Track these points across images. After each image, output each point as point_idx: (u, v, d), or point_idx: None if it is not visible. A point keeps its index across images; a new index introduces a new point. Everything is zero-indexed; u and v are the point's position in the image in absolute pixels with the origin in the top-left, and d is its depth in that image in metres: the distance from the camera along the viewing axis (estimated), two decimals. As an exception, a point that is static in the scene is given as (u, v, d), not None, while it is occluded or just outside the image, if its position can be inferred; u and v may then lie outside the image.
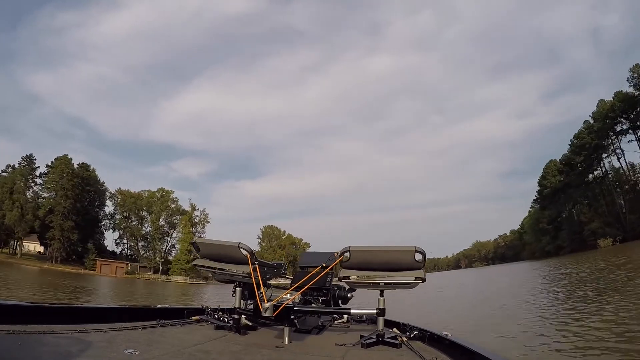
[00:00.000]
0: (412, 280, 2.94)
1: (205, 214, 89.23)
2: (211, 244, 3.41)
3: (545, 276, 25.79)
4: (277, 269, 3.61)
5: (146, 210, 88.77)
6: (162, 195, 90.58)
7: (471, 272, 79.77)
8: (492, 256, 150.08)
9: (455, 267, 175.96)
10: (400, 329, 3.41)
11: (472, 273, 73.01)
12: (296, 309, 3.28)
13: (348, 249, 3.01)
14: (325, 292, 4.34)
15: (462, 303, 18.08)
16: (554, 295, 15.36)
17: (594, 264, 28.69)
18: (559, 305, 12.09)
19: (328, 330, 3.69)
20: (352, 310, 3.34)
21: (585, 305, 11.01)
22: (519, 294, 16.44)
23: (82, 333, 2.24)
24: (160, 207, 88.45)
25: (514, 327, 9.07)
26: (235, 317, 3.20)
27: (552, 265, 38.88)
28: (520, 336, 7.94)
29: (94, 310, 3.05)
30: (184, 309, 3.63)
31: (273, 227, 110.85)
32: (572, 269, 26.95)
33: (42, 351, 1.78)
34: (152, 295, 30.18)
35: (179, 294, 34.02)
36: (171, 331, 2.90)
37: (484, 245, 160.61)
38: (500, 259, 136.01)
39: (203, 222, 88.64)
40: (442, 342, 2.81)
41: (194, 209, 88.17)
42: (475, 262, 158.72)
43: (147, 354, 2.08)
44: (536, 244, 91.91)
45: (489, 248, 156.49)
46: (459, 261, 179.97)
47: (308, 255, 5.18)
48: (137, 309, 3.35)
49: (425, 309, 15.58)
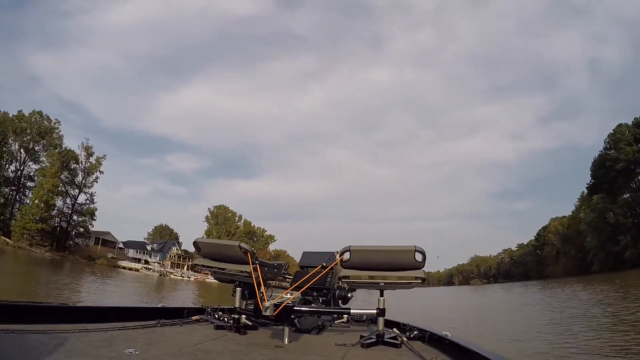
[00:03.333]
0: (412, 280, 2.97)
1: (99, 161, 62.94)
2: (211, 244, 3.56)
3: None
4: (278, 269, 3.73)
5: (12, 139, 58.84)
6: (37, 121, 59.15)
7: (470, 293, 58.08)
8: (493, 273, 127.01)
9: (447, 283, 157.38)
10: (400, 329, 3.40)
11: (472, 295, 52.56)
12: (296, 308, 3.25)
13: (348, 248, 3.00)
14: (325, 292, 4.33)
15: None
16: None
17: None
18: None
19: (328, 330, 3.71)
20: (352, 310, 3.36)
21: None
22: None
23: (82, 333, 2.25)
24: (30, 138, 58.53)
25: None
26: (235, 317, 3.20)
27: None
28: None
29: (94, 310, 3.05)
30: (184, 309, 3.63)
31: (225, 207, 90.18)
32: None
33: (42, 351, 1.78)
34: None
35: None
36: (171, 331, 2.92)
37: (485, 260, 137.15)
38: (504, 277, 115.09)
39: (90, 171, 62.45)
40: (442, 342, 2.80)
41: (89, 153, 62.02)
42: (473, 279, 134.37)
43: (147, 353, 2.08)
44: (598, 250, 57.10)
45: (490, 263, 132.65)
46: (452, 277, 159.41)
47: (308, 255, 5.06)
48: (137, 309, 3.34)
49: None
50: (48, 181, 53.91)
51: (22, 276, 22.82)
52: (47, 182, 53.78)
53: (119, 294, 22.54)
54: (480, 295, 44.74)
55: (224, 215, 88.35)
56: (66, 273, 33.13)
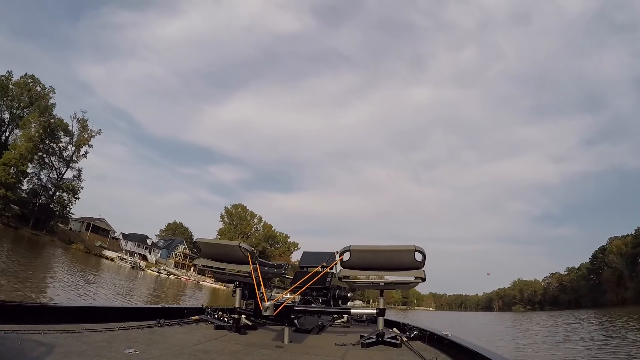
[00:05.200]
0: (412, 279, 2.93)
1: (89, 134, 55.14)
2: (212, 244, 3.48)
3: None
4: (278, 269, 3.72)
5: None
6: (26, 83, 52.44)
7: (520, 322, 44.96)
8: (539, 299, 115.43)
9: (485, 308, 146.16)
10: (400, 329, 3.40)
11: (524, 324, 40.10)
12: (296, 308, 3.26)
13: (348, 248, 2.98)
14: (325, 292, 4.35)
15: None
16: None
17: None
18: None
19: (328, 330, 3.72)
20: (352, 310, 3.33)
21: None
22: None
23: (82, 333, 2.25)
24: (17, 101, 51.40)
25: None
26: (235, 317, 3.21)
27: None
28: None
29: (94, 310, 3.04)
30: (184, 309, 3.63)
31: (243, 207, 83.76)
32: None
33: (42, 351, 1.78)
34: None
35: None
36: (171, 331, 2.91)
37: (529, 285, 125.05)
38: (551, 304, 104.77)
39: (78, 144, 54.76)
40: (442, 342, 2.80)
41: (83, 126, 54.58)
42: (515, 305, 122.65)
43: (147, 353, 2.08)
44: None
45: (535, 288, 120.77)
46: (491, 302, 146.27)
47: (308, 255, 5.13)
48: (137, 309, 3.37)
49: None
50: (22, 145, 46.85)
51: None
52: (21, 146, 46.77)
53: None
54: (534, 325, 36.31)
55: (241, 215, 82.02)
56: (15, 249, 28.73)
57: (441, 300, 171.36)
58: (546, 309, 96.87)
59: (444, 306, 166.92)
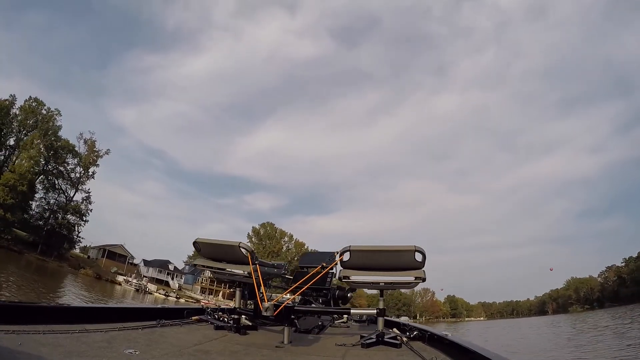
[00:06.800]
0: (412, 280, 2.93)
1: (97, 154, 53.97)
2: (211, 244, 3.44)
3: None
4: (278, 269, 3.72)
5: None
6: (30, 107, 50.44)
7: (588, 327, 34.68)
8: (597, 296, 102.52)
9: (539, 312, 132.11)
10: (400, 329, 3.39)
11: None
12: (296, 309, 3.27)
13: (348, 248, 2.98)
14: (325, 292, 4.36)
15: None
16: None
17: None
18: None
19: (328, 330, 3.72)
20: (352, 310, 3.37)
21: None
22: None
23: (82, 333, 2.25)
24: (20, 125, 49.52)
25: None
26: (235, 317, 3.23)
27: None
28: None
29: (94, 310, 3.08)
30: (184, 309, 3.65)
31: (271, 225, 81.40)
32: None
33: (42, 351, 1.79)
34: None
35: None
36: (171, 331, 2.91)
37: (585, 282, 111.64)
38: (611, 300, 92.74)
39: (85, 165, 53.67)
40: (442, 342, 2.80)
41: (92, 149, 54.06)
42: (572, 306, 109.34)
43: (147, 354, 2.08)
44: None
45: (592, 285, 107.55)
46: (545, 305, 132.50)
47: (308, 255, 5.24)
48: (137, 309, 3.34)
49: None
50: (22, 165, 45.45)
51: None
52: (21, 166, 45.32)
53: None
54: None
55: (270, 233, 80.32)
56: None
57: (491, 308, 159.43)
58: (606, 307, 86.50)
59: (494, 315, 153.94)
